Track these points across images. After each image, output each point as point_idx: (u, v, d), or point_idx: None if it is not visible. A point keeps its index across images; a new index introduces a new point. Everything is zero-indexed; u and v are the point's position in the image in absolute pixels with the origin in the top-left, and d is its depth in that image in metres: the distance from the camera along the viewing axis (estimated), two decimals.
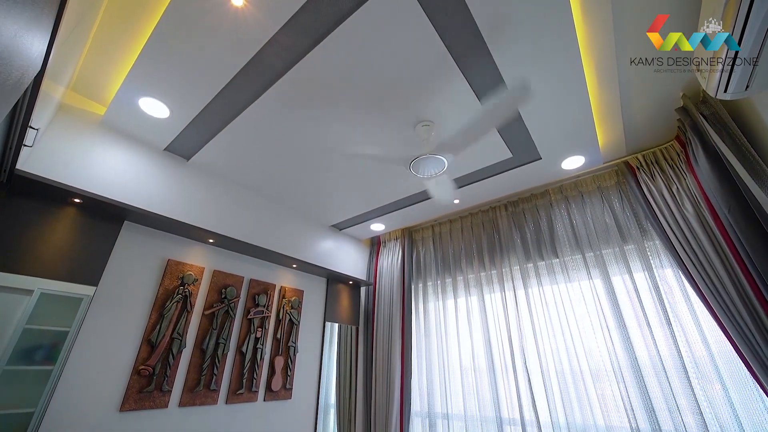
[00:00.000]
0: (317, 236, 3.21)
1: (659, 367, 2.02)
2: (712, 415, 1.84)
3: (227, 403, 2.20)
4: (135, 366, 1.88)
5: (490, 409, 2.53)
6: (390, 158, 2.05)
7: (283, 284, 2.84)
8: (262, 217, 2.74)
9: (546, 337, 2.46)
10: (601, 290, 2.34)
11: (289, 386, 2.58)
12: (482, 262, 3.00)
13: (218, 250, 2.48)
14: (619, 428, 2.05)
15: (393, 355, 3.04)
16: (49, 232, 1.74)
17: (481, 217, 3.14)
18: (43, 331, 1.73)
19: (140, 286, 2.01)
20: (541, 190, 2.84)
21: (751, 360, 1.71)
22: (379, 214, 3.16)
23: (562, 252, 2.59)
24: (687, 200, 2.10)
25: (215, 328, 2.26)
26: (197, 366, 2.12)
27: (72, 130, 1.88)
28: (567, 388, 2.28)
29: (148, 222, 2.08)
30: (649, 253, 2.26)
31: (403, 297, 3.24)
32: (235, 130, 2.06)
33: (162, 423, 1.90)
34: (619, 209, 2.46)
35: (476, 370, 2.71)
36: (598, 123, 2.13)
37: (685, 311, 2.06)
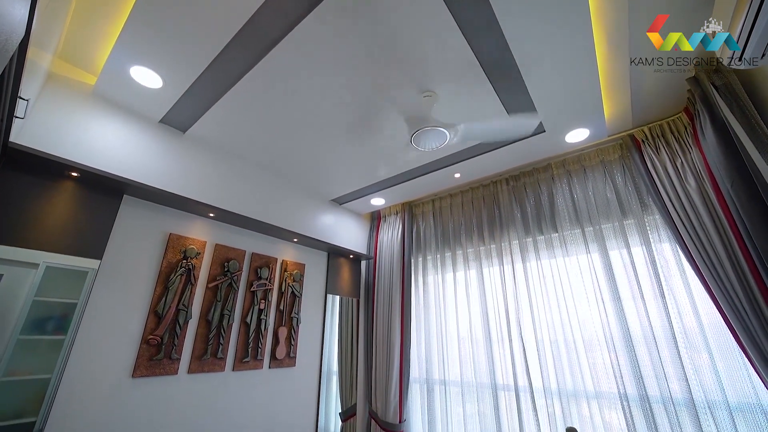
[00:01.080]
0: (317, 210, 3.21)
1: (650, 337, 2.09)
2: (697, 383, 1.93)
3: (234, 370, 2.30)
4: (144, 336, 1.94)
5: (486, 376, 2.65)
6: (391, 131, 2.02)
7: (285, 258, 2.88)
8: (262, 191, 2.73)
9: (542, 308, 2.53)
10: (599, 264, 2.37)
11: (293, 355, 2.69)
12: (482, 236, 3.02)
13: (219, 224, 2.49)
14: (607, 393, 2.16)
15: (393, 325, 3.14)
16: (49, 206, 1.75)
17: (482, 191, 3.12)
18: (52, 303, 1.78)
19: (144, 259, 2.04)
20: (543, 164, 2.81)
21: (739, 330, 1.77)
22: (380, 189, 3.15)
23: (562, 226, 2.60)
24: (690, 175, 2.08)
25: (219, 300, 2.32)
26: (203, 336, 2.20)
27: (64, 101, 1.83)
28: (560, 356, 2.37)
29: (148, 196, 2.08)
30: (648, 228, 2.27)
31: (403, 270, 3.29)
32: (231, 101, 2.01)
33: (173, 388, 2.00)
34: (621, 183, 2.44)
35: (473, 340, 2.80)
36: (605, 94, 2.07)
37: (679, 284, 2.10)
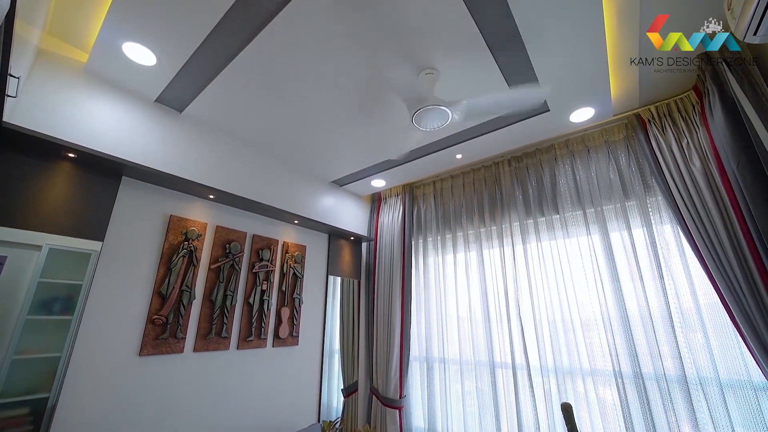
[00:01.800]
0: (318, 192, 3.19)
1: (647, 317, 2.12)
2: (690, 361, 1.98)
3: (238, 348, 2.36)
4: (149, 316, 1.98)
5: (484, 354, 2.72)
6: (392, 110, 1.97)
7: (286, 240, 2.89)
8: (261, 173, 2.71)
9: (541, 289, 2.55)
10: (599, 246, 2.38)
11: (295, 334, 2.75)
12: (482, 218, 3.02)
13: (219, 206, 2.48)
14: (602, 371, 2.21)
15: (393, 306, 3.19)
16: (48, 187, 1.74)
17: (484, 172, 3.09)
18: (57, 284, 1.80)
19: (145, 241, 2.05)
20: (546, 144, 2.76)
21: (735, 311, 1.79)
22: (380, 170, 3.12)
23: (563, 208, 2.59)
24: (696, 155, 2.05)
25: (222, 281, 2.35)
26: (207, 316, 2.24)
27: (56, 79, 1.78)
28: (557, 336, 2.42)
29: (147, 177, 2.06)
30: (650, 209, 2.26)
31: (404, 252, 3.31)
32: (227, 81, 1.96)
33: (179, 365, 2.06)
34: (624, 164, 2.41)
35: (472, 320, 2.86)
36: (613, 71, 2.01)
37: (679, 265, 2.11)
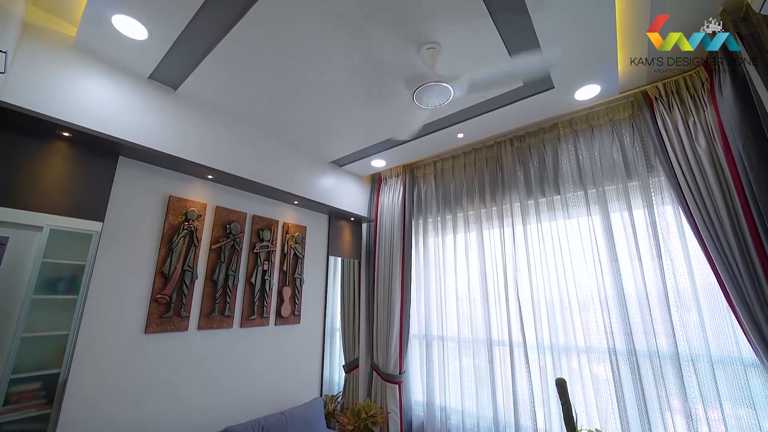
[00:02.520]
0: (317, 172, 3.17)
1: (643, 297, 2.15)
2: (684, 339, 2.02)
3: (241, 327, 2.41)
4: (152, 295, 2.01)
5: (482, 332, 2.78)
6: (392, 87, 1.92)
7: (286, 220, 2.89)
8: (260, 153, 2.67)
9: (540, 270, 2.58)
10: (599, 226, 2.38)
11: (297, 313, 2.80)
12: (483, 198, 3.00)
13: (219, 187, 2.47)
14: (597, 348, 2.27)
15: (393, 286, 3.24)
16: (45, 167, 1.72)
17: (485, 152, 3.05)
18: (60, 264, 1.82)
19: (145, 221, 2.05)
20: (549, 123, 2.71)
21: (731, 291, 1.81)
22: (380, 150, 3.07)
23: (565, 189, 2.57)
24: (702, 134, 2.01)
25: (223, 261, 2.37)
26: (210, 295, 2.27)
27: (45, 55, 1.73)
28: (554, 315, 2.46)
29: (144, 157, 2.04)
30: (652, 190, 2.25)
31: (404, 233, 3.32)
32: (221, 56, 1.89)
33: (184, 343, 2.11)
34: (628, 144, 2.37)
35: (471, 299, 2.90)
36: (621, 46, 1.93)
37: (678, 246, 2.12)
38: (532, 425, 2.38)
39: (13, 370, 1.62)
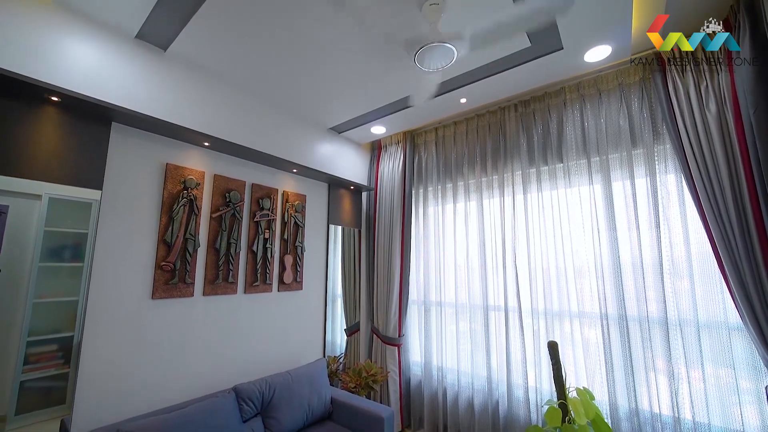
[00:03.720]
0: (316, 140, 3.10)
1: (638, 265, 2.19)
2: (674, 305, 2.08)
3: (245, 293, 2.49)
4: (157, 262, 2.05)
5: (479, 298, 2.87)
6: (392, 46, 1.82)
7: (286, 189, 2.88)
8: (256, 119, 2.60)
9: (538, 238, 2.61)
10: (600, 195, 2.37)
11: (299, 279, 2.88)
12: (484, 167, 2.97)
13: (216, 154, 2.43)
14: (589, 313, 2.35)
15: (393, 254, 3.29)
16: (38, 134, 1.68)
17: (488, 118, 2.97)
18: (63, 233, 1.84)
19: (144, 189, 2.04)
20: (556, 87, 2.61)
21: (725, 259, 1.84)
22: (380, 116, 2.99)
23: (568, 157, 2.53)
24: (713, 100, 1.94)
25: (225, 230, 2.39)
26: (213, 263, 2.32)
27: (23, 13, 1.62)
28: (550, 282, 2.52)
29: (137, 123, 1.99)
30: (656, 158, 2.21)
31: (404, 202, 3.32)
32: (212, 12, 1.77)
33: (191, 308, 2.18)
34: (636, 110, 2.30)
35: (469, 268, 2.96)
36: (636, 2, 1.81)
37: (677, 215, 2.12)
38: (523, 383, 2.53)
39: (29, 333, 1.70)
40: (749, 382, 1.87)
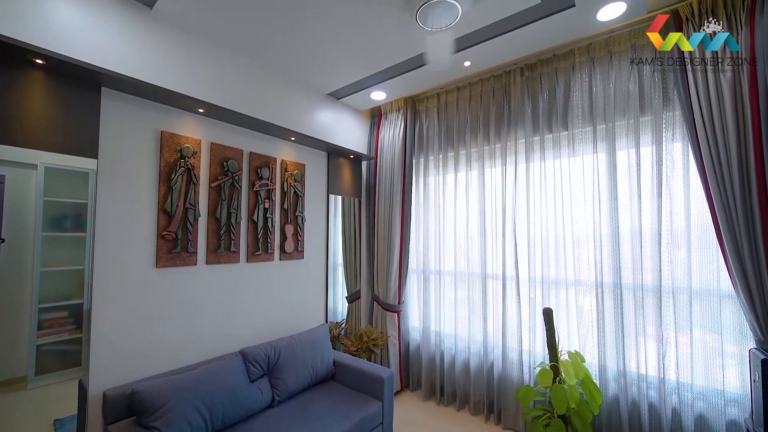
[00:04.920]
0: (314, 106, 3.00)
1: (637, 235, 2.20)
2: (669, 274, 2.12)
3: (248, 262, 2.53)
4: (158, 232, 2.06)
5: (478, 267, 2.92)
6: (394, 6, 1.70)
7: (284, 158, 2.83)
8: (251, 84, 2.50)
9: (538, 208, 2.60)
10: (603, 164, 2.34)
11: (300, 249, 2.91)
12: (487, 135, 2.90)
13: (211, 122, 2.37)
14: (585, 282, 2.40)
15: (393, 224, 3.31)
16: (25, 100, 1.62)
17: (493, 83, 2.85)
18: (62, 203, 1.83)
19: (141, 158, 2.01)
20: (565, 49, 2.48)
21: (724, 228, 1.85)
22: (380, 80, 2.87)
23: (573, 124, 2.46)
24: (729, 63, 1.85)
25: (224, 200, 2.38)
26: (215, 232, 2.34)
27: None
28: (548, 252, 2.55)
29: (128, 88, 1.91)
30: (664, 125, 2.15)
31: (404, 172, 3.28)
32: None
33: (195, 276, 2.23)
34: (647, 73, 2.20)
35: (468, 237, 2.99)
36: None
37: (680, 185, 2.10)
38: (517, 347, 2.64)
39: (39, 300, 1.75)
40: (734, 346, 1.95)
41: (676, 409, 2.06)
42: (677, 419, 2.05)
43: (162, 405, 1.72)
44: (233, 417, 1.94)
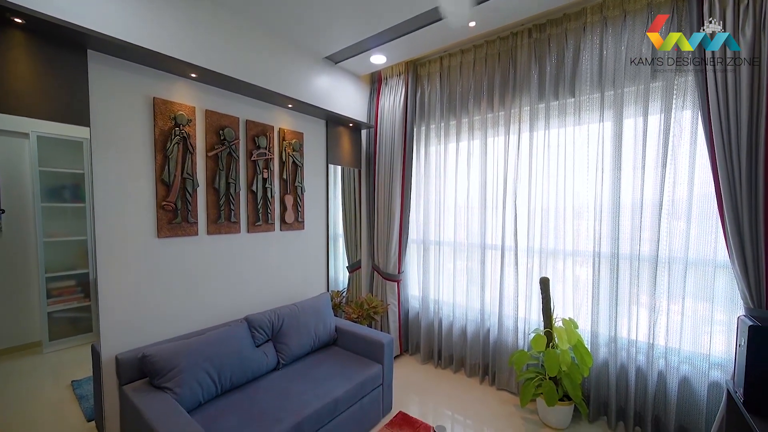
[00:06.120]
0: (311, 71, 2.88)
1: (638, 206, 2.19)
2: (666, 244, 2.13)
3: (249, 232, 2.54)
4: (158, 202, 2.05)
5: (477, 237, 2.94)
6: None
7: (282, 126, 2.76)
8: (244, 46, 2.38)
9: (540, 178, 2.57)
10: (609, 133, 2.28)
11: (301, 219, 2.92)
12: (491, 102, 2.80)
13: (205, 87, 2.28)
14: (583, 252, 2.42)
15: (393, 195, 3.29)
16: (9, 63, 1.55)
17: (498, 45, 2.71)
18: (58, 173, 1.82)
19: (134, 126, 1.96)
20: (577, 8, 2.33)
21: (726, 199, 1.83)
22: (380, 42, 2.72)
23: (580, 91, 2.37)
24: (750, 23, 1.76)
25: (222, 169, 2.35)
26: (214, 203, 2.33)
27: None
28: (548, 222, 2.56)
29: (115, 51, 1.81)
30: (675, 92, 2.07)
31: (405, 141, 3.21)
32: None
33: (196, 246, 2.25)
34: (663, 33, 2.08)
35: (469, 208, 2.98)
36: None
37: (685, 155, 2.06)
38: (513, 314, 2.73)
39: (46, 269, 1.78)
40: (724, 314, 2.00)
41: (662, 372, 2.16)
42: (662, 381, 2.16)
43: (173, 367, 1.80)
44: (241, 378, 2.05)
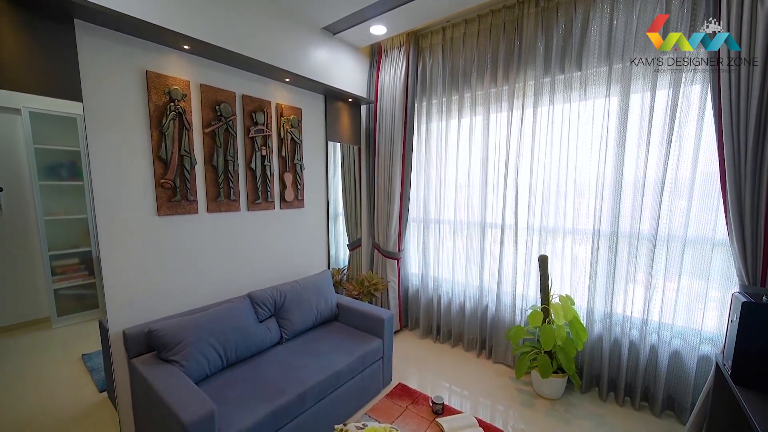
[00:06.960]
0: (309, 43, 2.77)
1: (640, 185, 2.17)
2: (666, 223, 2.13)
3: (248, 210, 2.54)
4: (156, 180, 2.04)
5: (477, 216, 2.94)
6: None
7: (279, 101, 2.69)
8: (240, 16, 2.27)
9: (542, 156, 2.54)
10: (615, 109, 2.23)
11: (300, 198, 2.91)
12: (495, 76, 2.72)
13: (199, 60, 2.20)
14: (583, 230, 2.43)
15: (394, 172, 3.26)
16: None
17: (504, 15, 2.59)
18: (54, 150, 1.80)
19: (128, 101, 1.90)
20: None
21: (729, 178, 1.81)
22: (381, 11, 2.59)
23: (587, 63, 2.29)
24: None
25: (220, 146, 2.31)
26: (213, 180, 2.31)
27: None
28: (548, 201, 2.55)
29: (103, 20, 1.72)
30: (685, 65, 2.00)
31: (405, 117, 3.14)
32: None
33: (197, 225, 2.26)
34: (677, 3, 1.98)
35: (470, 186, 2.96)
36: None
37: (692, 131, 2.02)
38: (511, 291, 2.77)
39: (49, 248, 1.80)
40: (718, 291, 2.04)
41: (654, 346, 2.23)
42: (654, 354, 2.22)
43: (180, 341, 1.86)
44: (245, 352, 2.11)
